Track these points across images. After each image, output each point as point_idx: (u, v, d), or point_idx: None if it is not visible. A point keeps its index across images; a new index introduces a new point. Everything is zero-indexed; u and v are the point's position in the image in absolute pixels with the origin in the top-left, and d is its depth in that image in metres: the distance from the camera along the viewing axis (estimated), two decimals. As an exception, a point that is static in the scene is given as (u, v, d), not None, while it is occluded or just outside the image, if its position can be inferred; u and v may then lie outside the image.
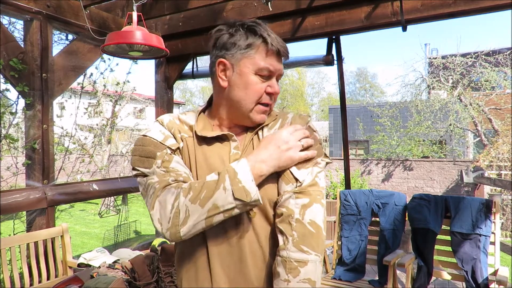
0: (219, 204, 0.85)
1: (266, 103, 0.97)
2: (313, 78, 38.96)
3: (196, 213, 0.85)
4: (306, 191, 0.93)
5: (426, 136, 13.69)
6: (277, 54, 0.96)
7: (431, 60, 13.96)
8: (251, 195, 0.86)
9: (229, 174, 0.87)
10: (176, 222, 0.85)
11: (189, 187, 0.88)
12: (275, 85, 0.98)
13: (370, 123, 15.73)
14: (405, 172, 12.77)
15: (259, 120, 0.99)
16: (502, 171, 10.07)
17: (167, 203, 0.87)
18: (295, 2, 2.81)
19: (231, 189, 0.85)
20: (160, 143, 0.96)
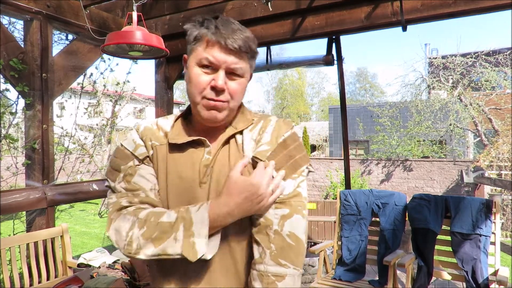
0: (169, 252, 0.82)
1: (211, 98, 0.89)
2: (313, 78, 38.98)
3: (149, 249, 0.82)
4: (287, 202, 0.88)
5: (426, 136, 13.70)
6: (224, 45, 0.87)
7: (431, 60, 13.96)
8: (198, 255, 0.81)
9: (185, 223, 0.83)
10: (130, 250, 0.84)
11: (144, 221, 0.85)
12: (218, 79, 0.88)
13: (370, 123, 15.74)
14: (405, 172, 12.77)
15: (207, 116, 0.91)
16: (502, 171, 10.07)
17: (121, 231, 0.86)
18: (295, 2, 2.81)
19: (181, 241, 0.81)
20: (129, 153, 0.95)
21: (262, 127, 0.95)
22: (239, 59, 0.90)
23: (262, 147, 0.92)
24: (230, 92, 0.90)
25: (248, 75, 0.95)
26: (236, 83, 0.91)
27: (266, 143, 0.92)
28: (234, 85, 0.91)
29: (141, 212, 0.87)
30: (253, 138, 0.94)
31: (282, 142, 0.92)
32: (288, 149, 0.92)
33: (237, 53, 0.89)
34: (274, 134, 0.93)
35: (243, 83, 0.93)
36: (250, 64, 0.95)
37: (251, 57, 0.94)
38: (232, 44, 0.87)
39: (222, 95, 0.89)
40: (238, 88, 0.92)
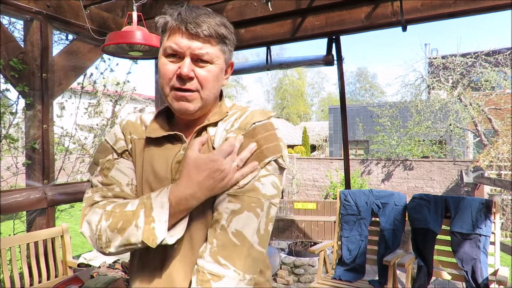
0: (132, 240, 0.79)
1: (178, 87, 0.85)
2: (313, 78, 38.99)
3: (116, 240, 0.80)
4: (239, 196, 0.81)
5: (426, 136, 13.70)
6: (185, 31, 0.83)
7: (431, 60, 13.96)
8: (157, 240, 0.77)
9: (145, 208, 0.81)
10: (101, 244, 0.82)
11: (110, 212, 0.83)
12: (183, 66, 0.84)
13: (370, 123, 15.74)
14: (405, 172, 12.78)
15: (177, 108, 0.87)
16: (502, 171, 10.07)
17: (91, 224, 0.84)
18: (295, 2, 2.81)
19: (142, 228, 0.78)
20: (109, 147, 0.94)
21: (237, 117, 0.89)
22: (204, 44, 0.85)
23: (229, 135, 0.86)
24: (199, 80, 0.86)
25: (220, 62, 0.89)
26: (205, 70, 0.86)
27: (234, 130, 0.86)
28: (203, 73, 0.86)
29: (109, 205, 0.86)
30: (226, 129, 0.89)
31: (250, 130, 0.85)
32: (255, 138, 0.85)
33: (202, 38, 0.84)
34: (244, 122, 0.87)
35: (214, 70, 0.87)
36: (221, 50, 0.88)
37: (221, 42, 0.88)
38: (194, 28, 0.83)
39: (190, 84, 0.85)
40: (208, 76, 0.86)
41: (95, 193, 0.90)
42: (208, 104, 0.91)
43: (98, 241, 0.83)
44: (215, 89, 0.89)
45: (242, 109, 0.92)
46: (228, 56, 0.92)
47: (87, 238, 0.86)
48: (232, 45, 0.92)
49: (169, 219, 0.80)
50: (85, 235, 0.87)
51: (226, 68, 0.94)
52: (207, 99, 0.89)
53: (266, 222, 0.82)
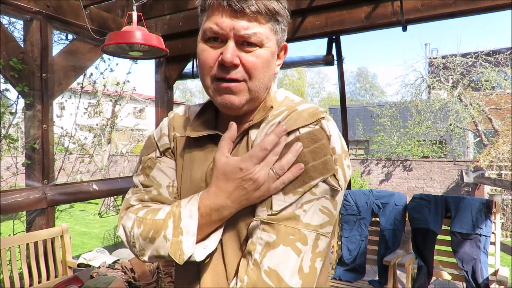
0: (162, 253, 0.72)
1: (221, 77, 0.71)
2: (313, 78, 39.00)
3: (148, 250, 0.74)
4: (274, 225, 0.66)
5: (426, 136, 13.70)
6: (227, 8, 0.68)
7: (431, 60, 13.96)
8: (184, 257, 0.69)
9: (174, 218, 0.72)
10: (136, 252, 0.77)
11: (141, 219, 0.76)
12: (226, 51, 0.69)
13: (370, 123, 15.74)
14: (405, 172, 12.77)
15: (221, 102, 0.73)
16: (503, 171, 10.07)
17: (126, 230, 0.79)
18: (295, 2, 2.81)
19: (170, 241, 0.70)
20: (154, 143, 0.87)
21: (282, 118, 0.72)
22: (251, 23, 0.69)
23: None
24: (246, 68, 0.70)
25: (271, 44, 0.73)
26: (253, 56, 0.70)
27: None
28: (250, 58, 0.70)
29: (142, 210, 0.79)
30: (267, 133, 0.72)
31: (291, 142, 0.68)
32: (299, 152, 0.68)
33: (248, 15, 0.68)
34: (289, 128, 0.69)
35: (264, 55, 0.71)
36: (272, 29, 0.72)
37: (272, 20, 0.72)
38: (239, 3, 0.67)
39: (235, 72, 0.70)
40: (257, 62, 0.71)
41: (132, 195, 0.84)
42: (258, 97, 0.76)
43: (133, 248, 0.78)
44: (265, 78, 0.74)
45: (290, 107, 0.74)
46: (280, 37, 0.76)
47: (125, 243, 0.81)
48: (285, 23, 0.76)
49: (200, 230, 0.71)
50: (123, 240, 0.81)
51: (278, 51, 0.78)
52: (257, 91, 0.73)
53: (312, 258, 0.66)
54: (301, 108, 0.72)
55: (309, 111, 0.71)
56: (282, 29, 0.76)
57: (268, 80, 0.75)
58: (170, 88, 3.83)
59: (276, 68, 0.78)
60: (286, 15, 0.75)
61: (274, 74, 0.78)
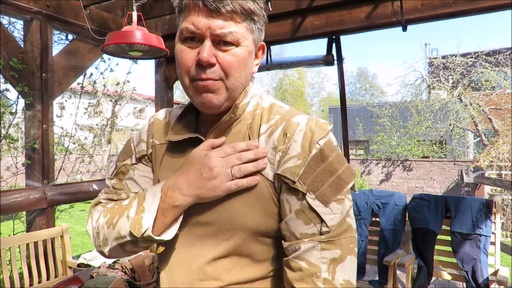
0: (122, 233, 0.74)
1: (199, 77, 0.70)
2: (313, 78, 38.98)
3: (111, 237, 0.76)
4: (335, 241, 0.66)
5: (426, 136, 13.70)
6: (202, 7, 0.69)
7: (431, 60, 13.96)
8: (142, 229, 0.71)
9: (138, 199, 0.76)
10: (99, 242, 0.78)
11: (109, 209, 0.80)
12: (202, 50, 0.69)
13: (370, 123, 15.74)
14: (405, 172, 12.77)
15: (200, 102, 0.72)
16: (503, 171, 10.07)
17: (92, 222, 0.81)
18: (295, 2, 2.81)
19: (131, 220, 0.73)
20: (132, 148, 0.87)
21: (285, 131, 0.71)
22: (226, 22, 0.69)
23: (291, 161, 0.69)
24: (222, 67, 0.70)
25: (248, 43, 0.73)
26: (230, 55, 0.71)
27: (296, 156, 0.69)
28: (227, 57, 0.70)
29: (110, 203, 0.82)
30: (273, 146, 0.72)
31: (318, 153, 0.69)
32: (327, 161, 0.69)
33: (224, 14, 0.69)
34: (305, 142, 0.69)
35: (240, 54, 0.72)
36: (248, 28, 0.73)
37: (248, 19, 0.72)
38: (214, 3, 0.68)
39: (211, 71, 0.70)
40: (233, 61, 0.71)
41: (103, 194, 0.87)
42: (236, 96, 0.75)
43: (97, 240, 0.79)
44: (242, 77, 0.74)
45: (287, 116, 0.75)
46: (257, 36, 0.76)
47: (90, 237, 0.83)
48: (262, 22, 0.77)
49: (161, 214, 0.73)
50: (89, 234, 0.84)
51: (256, 51, 0.78)
52: (234, 90, 0.73)
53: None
54: (303, 121, 0.72)
55: (314, 122, 0.72)
56: (259, 28, 0.76)
57: (245, 79, 0.75)
58: (170, 88, 3.83)
59: (254, 68, 0.78)
60: (263, 15, 0.76)
61: (251, 73, 0.78)
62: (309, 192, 0.67)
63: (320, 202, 0.67)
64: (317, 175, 0.68)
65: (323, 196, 0.67)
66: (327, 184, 0.68)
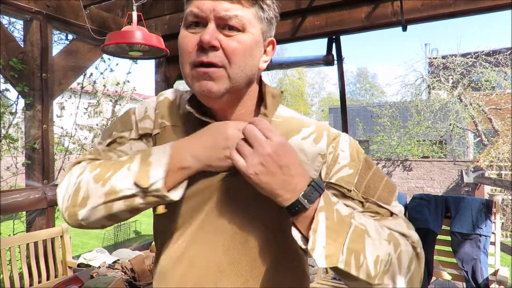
0: (118, 187, 0.64)
1: (200, 61, 0.65)
2: (313, 78, 39.00)
3: (95, 194, 0.65)
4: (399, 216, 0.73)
5: (426, 136, 13.71)
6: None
7: (431, 60, 13.97)
8: (150, 179, 0.63)
9: (142, 154, 0.67)
10: (75, 201, 0.67)
11: (99, 164, 0.70)
12: (205, 33, 0.64)
13: (370, 123, 15.75)
14: (405, 172, 12.77)
15: (199, 89, 0.67)
16: (502, 171, 10.07)
17: (71, 178, 0.70)
18: (295, 2, 2.81)
19: (135, 171, 0.64)
20: (133, 121, 0.78)
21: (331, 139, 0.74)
22: (233, 5, 0.65)
23: (343, 171, 0.71)
24: (226, 53, 0.65)
25: (255, 31, 0.68)
26: (234, 40, 0.65)
27: (347, 165, 0.71)
28: (231, 43, 0.65)
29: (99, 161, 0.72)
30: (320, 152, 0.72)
31: (364, 162, 0.73)
32: (373, 168, 0.73)
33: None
34: (353, 151, 0.72)
35: (247, 41, 0.66)
36: (256, 15, 0.68)
37: (256, 5, 0.67)
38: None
39: (214, 55, 0.65)
40: (238, 47, 0.66)
41: (89, 155, 0.76)
42: (239, 88, 0.70)
43: (71, 198, 0.68)
44: (247, 66, 0.68)
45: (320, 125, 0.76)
46: (266, 28, 0.71)
47: (59, 200, 0.71)
48: (272, 14, 0.71)
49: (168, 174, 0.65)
50: (58, 196, 0.71)
51: (265, 46, 0.73)
52: (237, 80, 0.67)
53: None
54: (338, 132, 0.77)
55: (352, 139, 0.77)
56: (268, 20, 0.71)
57: (250, 70, 0.69)
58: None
59: (262, 64, 0.72)
60: (274, 7, 0.71)
61: (258, 68, 0.72)
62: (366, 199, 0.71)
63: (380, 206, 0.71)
64: (369, 182, 0.71)
65: (383, 199, 0.71)
66: (380, 189, 0.71)
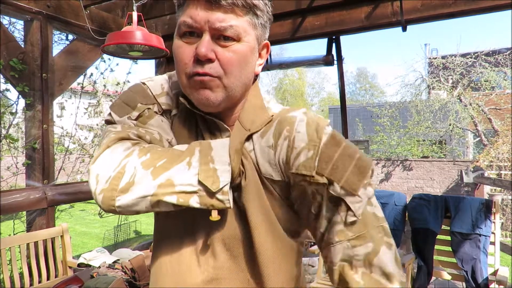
0: (176, 181, 0.61)
1: (196, 72, 0.65)
2: (313, 78, 38.99)
3: (144, 183, 0.60)
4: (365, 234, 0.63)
5: (426, 136, 13.71)
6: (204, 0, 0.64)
7: (431, 60, 13.97)
8: (220, 184, 0.60)
9: (201, 147, 0.65)
10: (115, 185, 0.61)
11: (148, 149, 0.65)
12: (200, 45, 0.64)
13: (369, 123, 15.75)
14: (405, 172, 12.78)
15: (197, 98, 0.67)
16: (502, 171, 10.07)
17: (114, 157, 0.64)
18: (295, 2, 2.81)
19: (197, 168, 0.61)
20: (152, 96, 0.74)
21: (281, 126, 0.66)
22: (227, 15, 0.64)
23: (302, 155, 0.63)
24: (222, 64, 0.65)
25: (250, 39, 0.67)
26: (230, 51, 0.65)
27: (306, 147, 0.63)
28: (226, 54, 0.65)
29: (146, 144, 0.68)
30: (268, 144, 0.67)
31: (329, 139, 0.63)
32: (342, 145, 0.63)
33: (224, 7, 0.64)
34: (311, 130, 0.64)
35: (241, 50, 0.66)
36: (250, 23, 0.67)
37: (250, 13, 0.67)
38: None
39: (209, 67, 0.65)
40: (234, 58, 0.66)
41: (129, 129, 0.69)
42: (235, 95, 0.69)
43: (111, 181, 0.61)
44: (243, 75, 0.68)
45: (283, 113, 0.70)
46: (260, 33, 0.70)
47: (92, 177, 0.63)
48: (266, 18, 0.71)
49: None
50: (92, 173, 0.64)
51: (260, 50, 0.73)
52: (233, 88, 0.68)
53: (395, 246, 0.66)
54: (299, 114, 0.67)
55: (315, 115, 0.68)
56: (263, 25, 0.70)
57: (246, 77, 0.69)
58: (170, 88, 3.82)
59: (257, 67, 0.73)
60: (267, 11, 0.70)
61: (254, 72, 0.72)
62: (331, 182, 0.61)
63: (346, 192, 0.61)
64: (337, 161, 0.61)
65: (350, 184, 0.61)
66: (349, 170, 0.61)
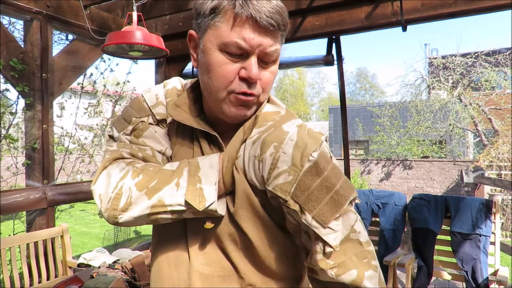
0: (166, 201, 0.65)
1: (243, 91, 0.67)
2: (313, 78, 39.05)
3: (140, 203, 0.65)
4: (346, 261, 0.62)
5: (426, 136, 13.71)
6: (259, 23, 0.63)
7: (431, 60, 13.97)
8: (206, 203, 0.64)
9: (190, 167, 0.68)
10: (116, 206, 0.67)
11: (141, 170, 0.69)
12: (251, 67, 0.66)
13: (369, 123, 15.75)
14: (405, 172, 12.78)
15: (234, 114, 0.69)
16: (502, 171, 10.07)
17: (111, 180, 0.69)
18: (295, 2, 2.81)
19: (185, 188, 0.65)
20: (147, 108, 0.78)
21: (271, 139, 0.65)
22: (273, 39, 0.67)
23: (281, 177, 0.62)
24: (262, 84, 0.69)
25: (279, 56, 0.72)
26: (269, 72, 0.70)
27: (287, 170, 0.62)
28: (267, 75, 0.70)
29: (139, 163, 0.72)
30: (255, 154, 0.66)
31: (312, 167, 0.61)
32: (322, 176, 0.62)
33: (271, 32, 0.65)
34: (296, 154, 0.62)
35: (276, 70, 0.72)
36: (282, 41, 0.72)
37: (283, 35, 0.71)
38: (269, 20, 0.63)
39: (254, 86, 0.68)
40: (271, 78, 0.71)
41: (122, 148, 0.74)
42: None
43: (112, 202, 0.67)
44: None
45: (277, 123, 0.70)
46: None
47: (96, 197, 0.69)
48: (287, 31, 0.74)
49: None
50: (95, 193, 0.70)
51: None
52: (262, 103, 0.74)
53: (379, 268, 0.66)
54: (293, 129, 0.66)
55: (306, 131, 0.66)
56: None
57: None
58: (170, 88, 3.82)
59: None
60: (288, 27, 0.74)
61: None
62: (303, 211, 0.61)
63: (318, 223, 0.61)
64: (313, 192, 0.61)
65: (321, 216, 0.61)
66: (324, 202, 0.61)
